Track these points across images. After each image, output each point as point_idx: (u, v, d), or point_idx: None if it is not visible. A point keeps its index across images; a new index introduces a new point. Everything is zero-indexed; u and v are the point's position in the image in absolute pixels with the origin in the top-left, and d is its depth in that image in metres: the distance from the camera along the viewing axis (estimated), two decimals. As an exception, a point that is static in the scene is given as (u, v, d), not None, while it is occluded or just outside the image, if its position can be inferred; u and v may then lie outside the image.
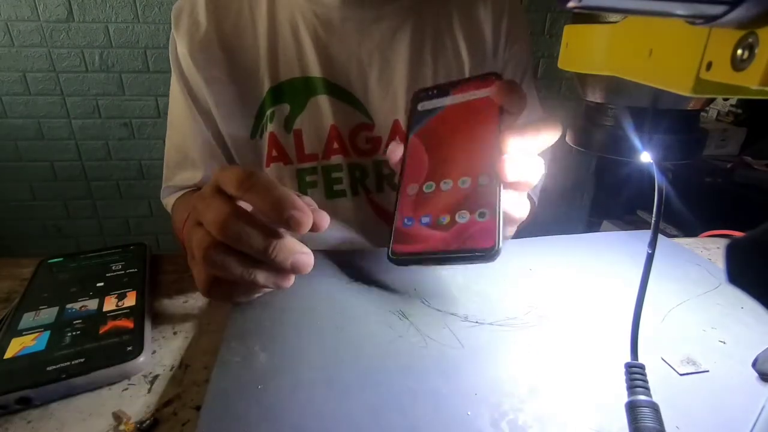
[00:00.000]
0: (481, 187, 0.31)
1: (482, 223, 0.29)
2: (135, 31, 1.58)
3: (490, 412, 0.25)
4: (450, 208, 0.31)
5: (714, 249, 0.46)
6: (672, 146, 0.24)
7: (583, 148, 0.28)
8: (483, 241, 0.29)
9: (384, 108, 0.55)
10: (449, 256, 0.29)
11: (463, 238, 0.29)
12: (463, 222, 0.30)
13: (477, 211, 0.30)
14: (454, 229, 0.30)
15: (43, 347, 0.29)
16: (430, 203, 0.32)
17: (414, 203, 0.33)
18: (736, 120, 1.60)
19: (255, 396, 0.25)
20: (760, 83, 0.14)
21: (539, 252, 0.41)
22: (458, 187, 0.32)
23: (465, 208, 0.30)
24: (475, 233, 0.29)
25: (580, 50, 0.24)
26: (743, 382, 0.27)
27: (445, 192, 0.32)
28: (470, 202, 0.30)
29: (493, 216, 0.29)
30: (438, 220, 0.31)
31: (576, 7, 0.15)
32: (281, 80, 0.53)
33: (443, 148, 0.34)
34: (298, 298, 0.34)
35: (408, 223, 0.32)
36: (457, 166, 0.33)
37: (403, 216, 0.33)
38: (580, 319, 0.32)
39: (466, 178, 0.32)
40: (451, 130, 0.35)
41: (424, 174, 0.34)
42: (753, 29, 0.14)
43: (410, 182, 0.34)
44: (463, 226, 0.30)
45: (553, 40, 1.78)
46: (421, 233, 0.31)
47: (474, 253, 0.29)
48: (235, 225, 0.28)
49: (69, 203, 1.82)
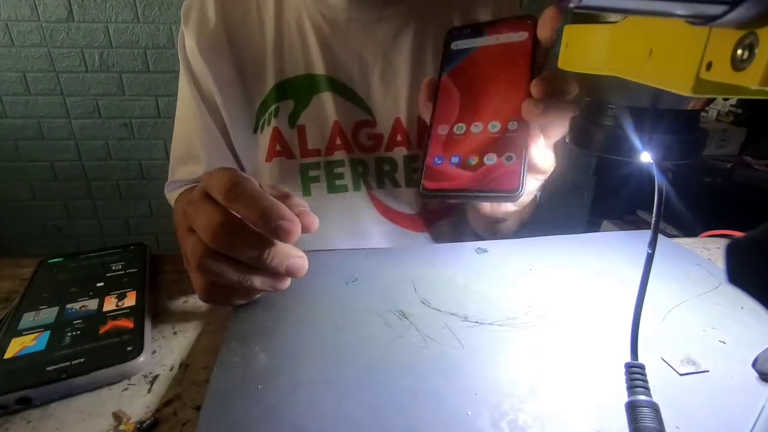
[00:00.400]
0: (510, 132, 0.32)
1: (508, 166, 0.31)
2: (135, 31, 1.58)
3: (490, 412, 0.24)
4: (479, 150, 0.33)
5: (714, 249, 0.46)
6: (672, 146, 0.24)
7: (583, 148, 0.28)
8: (508, 183, 0.31)
9: (386, 106, 0.56)
10: (476, 194, 0.32)
11: (490, 178, 0.31)
12: (491, 164, 0.32)
13: (504, 155, 0.32)
14: (481, 170, 0.32)
15: (43, 347, 0.29)
16: (461, 144, 0.34)
17: (445, 143, 0.34)
18: (736, 120, 1.60)
19: (255, 396, 0.25)
20: (760, 83, 0.14)
21: (539, 252, 0.41)
22: (488, 130, 0.33)
23: (493, 151, 0.32)
24: (501, 175, 0.31)
25: (580, 50, 0.24)
26: (743, 382, 0.27)
27: (475, 134, 0.33)
28: (499, 145, 0.32)
29: (519, 160, 0.31)
30: (467, 160, 0.33)
31: (576, 7, 0.15)
32: (286, 77, 0.54)
33: (475, 90, 0.35)
34: (298, 299, 0.34)
35: (438, 162, 0.34)
36: (488, 109, 0.34)
37: (433, 154, 0.34)
38: (580, 319, 0.32)
39: (496, 123, 0.33)
40: (484, 72, 0.35)
41: (455, 115, 0.35)
42: (753, 29, 0.14)
43: (441, 122, 0.35)
44: (490, 167, 0.32)
45: (553, 40, 1.78)
46: (451, 172, 0.33)
47: (499, 194, 0.31)
48: (226, 234, 0.28)
49: (69, 203, 1.82)
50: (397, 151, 0.57)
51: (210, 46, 0.52)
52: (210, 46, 0.52)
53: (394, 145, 0.57)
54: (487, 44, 0.36)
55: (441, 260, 0.40)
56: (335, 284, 0.36)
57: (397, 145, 0.57)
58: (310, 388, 0.26)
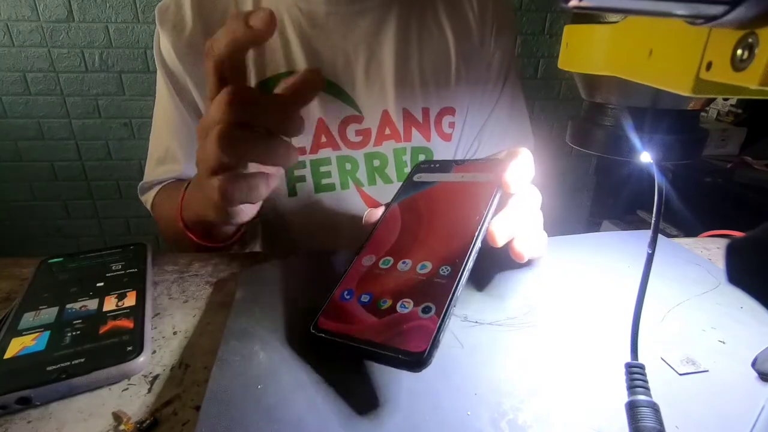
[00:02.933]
0: (438, 278, 0.27)
1: (422, 320, 0.25)
2: (135, 31, 1.58)
3: (489, 411, 0.25)
4: (396, 293, 0.27)
5: (714, 249, 0.46)
6: (672, 146, 0.24)
7: (583, 148, 0.28)
8: (414, 343, 0.24)
9: (372, 99, 0.55)
10: (370, 350, 0.25)
11: (396, 332, 0.25)
12: (403, 312, 0.26)
13: (422, 305, 0.26)
14: (389, 318, 0.26)
15: (43, 347, 0.29)
16: (379, 281, 0.29)
17: (363, 276, 0.30)
18: (736, 120, 1.60)
19: (255, 395, 0.25)
20: (760, 83, 0.14)
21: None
22: (415, 270, 0.29)
23: (411, 297, 0.27)
24: (410, 330, 0.25)
25: (580, 50, 0.24)
26: (743, 381, 0.27)
27: (399, 272, 0.29)
28: (420, 291, 0.27)
29: (437, 318, 0.25)
30: (379, 302, 0.27)
31: (576, 7, 0.15)
32: (267, 76, 0.53)
33: (418, 225, 0.32)
34: (299, 298, 0.34)
35: (346, 297, 0.29)
36: (424, 248, 0.30)
37: (344, 287, 0.29)
38: (580, 319, 0.32)
39: (427, 263, 0.29)
40: (434, 208, 0.33)
41: (387, 247, 0.31)
42: (753, 29, 0.14)
43: (369, 252, 0.31)
44: (400, 316, 0.26)
45: (553, 40, 1.78)
46: (354, 312, 0.28)
47: (398, 355, 0.24)
48: (241, 102, 0.29)
49: (69, 203, 1.82)
50: (386, 145, 0.57)
51: (188, 48, 0.52)
52: (188, 49, 0.52)
53: (383, 139, 0.56)
54: (449, 181, 0.34)
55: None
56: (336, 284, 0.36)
57: (386, 138, 0.56)
58: (310, 388, 0.26)
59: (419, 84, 0.56)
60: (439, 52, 0.56)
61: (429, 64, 0.56)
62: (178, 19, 0.52)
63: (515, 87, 0.64)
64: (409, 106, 0.56)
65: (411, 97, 0.56)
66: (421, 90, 0.56)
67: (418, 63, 0.55)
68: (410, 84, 0.55)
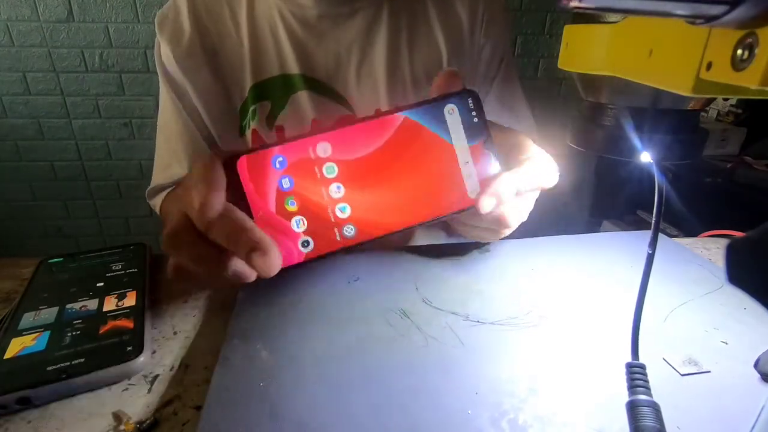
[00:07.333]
0: (340, 235, 0.27)
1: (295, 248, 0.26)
2: (135, 31, 1.58)
3: (490, 411, 0.25)
4: (308, 208, 0.27)
5: (714, 249, 0.46)
6: (672, 146, 0.24)
7: (583, 148, 0.28)
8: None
9: (365, 99, 0.56)
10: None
11: (273, 230, 0.26)
12: (295, 230, 0.26)
13: (305, 238, 0.26)
14: (280, 220, 0.26)
15: (43, 347, 0.29)
16: (310, 185, 0.27)
17: (303, 162, 0.27)
18: (736, 120, 1.60)
19: (258, 393, 0.25)
20: (760, 83, 0.14)
21: (540, 252, 0.41)
22: (337, 212, 0.28)
23: (310, 223, 0.27)
24: (280, 241, 0.25)
25: (580, 50, 0.24)
26: (745, 382, 0.27)
27: (330, 198, 0.27)
28: (319, 227, 0.27)
29: (304, 256, 0.26)
30: (287, 200, 0.27)
31: (576, 7, 0.15)
32: (262, 79, 0.54)
33: (388, 173, 0.28)
34: (301, 297, 0.34)
35: (277, 166, 0.27)
36: (369, 202, 0.28)
37: (283, 151, 0.27)
38: (581, 319, 0.32)
39: (352, 226, 0.28)
40: (416, 162, 0.29)
41: (348, 164, 0.28)
42: (753, 29, 0.14)
43: (336, 149, 0.28)
44: (286, 226, 0.26)
45: (553, 40, 1.78)
46: (269, 184, 0.26)
47: None
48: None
49: (69, 203, 1.82)
50: None
51: (186, 55, 0.53)
52: (186, 56, 0.53)
53: None
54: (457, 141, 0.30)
55: (442, 260, 0.40)
56: (337, 284, 0.36)
57: None
58: (312, 386, 0.26)
59: (411, 82, 0.56)
60: (430, 49, 0.57)
61: (420, 62, 0.56)
62: (176, 27, 0.53)
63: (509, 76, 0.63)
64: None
65: (403, 95, 0.56)
66: (413, 88, 0.56)
67: (408, 61, 0.56)
68: (402, 82, 0.56)
